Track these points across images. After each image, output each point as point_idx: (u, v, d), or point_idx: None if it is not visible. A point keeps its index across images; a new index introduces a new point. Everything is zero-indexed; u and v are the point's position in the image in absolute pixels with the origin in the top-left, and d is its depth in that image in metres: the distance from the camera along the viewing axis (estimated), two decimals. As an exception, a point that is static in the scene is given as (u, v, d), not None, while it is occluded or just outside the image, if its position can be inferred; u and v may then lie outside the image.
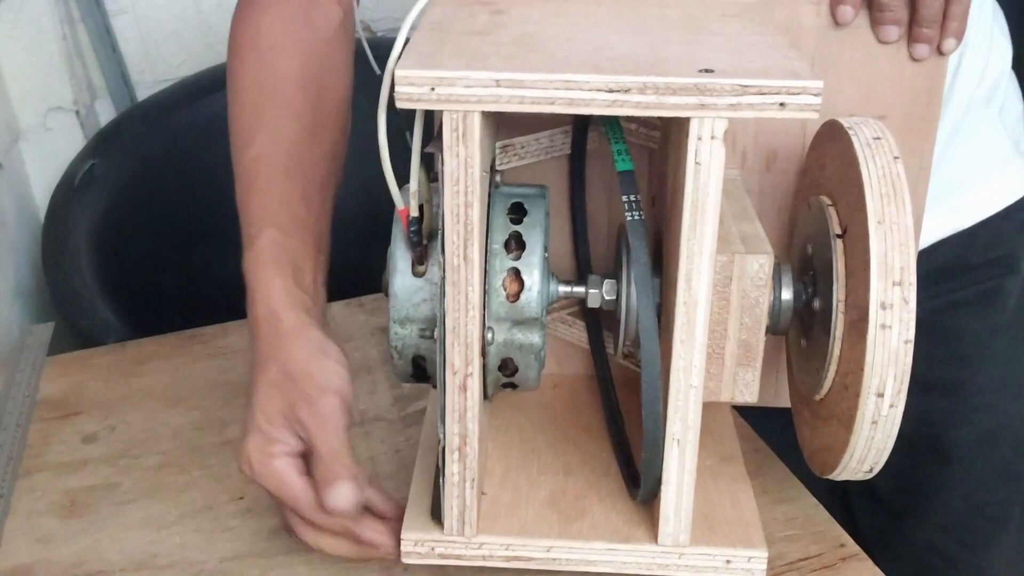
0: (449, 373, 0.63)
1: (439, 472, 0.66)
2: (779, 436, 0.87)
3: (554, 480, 0.73)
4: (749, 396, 0.68)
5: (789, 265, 0.69)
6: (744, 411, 0.85)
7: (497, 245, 0.65)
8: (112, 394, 0.98)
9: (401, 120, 0.61)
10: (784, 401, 0.79)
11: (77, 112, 1.51)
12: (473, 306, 0.62)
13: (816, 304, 0.68)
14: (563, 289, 0.70)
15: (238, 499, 0.82)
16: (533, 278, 0.65)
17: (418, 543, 0.68)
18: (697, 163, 0.57)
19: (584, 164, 0.78)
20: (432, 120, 0.64)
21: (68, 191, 1.37)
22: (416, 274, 0.65)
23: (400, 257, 0.66)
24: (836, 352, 0.65)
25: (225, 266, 1.49)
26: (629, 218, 0.63)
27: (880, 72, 0.74)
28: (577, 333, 0.83)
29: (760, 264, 0.65)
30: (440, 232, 0.61)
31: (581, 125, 0.76)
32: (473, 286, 0.61)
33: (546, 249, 0.67)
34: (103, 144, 1.45)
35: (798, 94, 0.55)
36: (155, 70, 1.57)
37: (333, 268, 0.79)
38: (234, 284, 1.33)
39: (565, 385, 0.84)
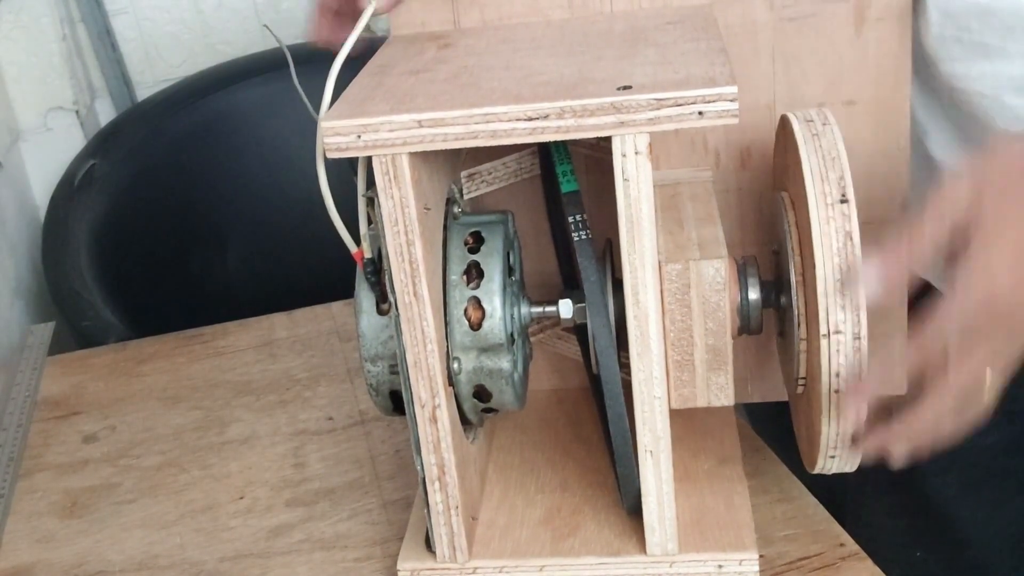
0: (418, 407, 0.64)
1: (426, 503, 0.67)
2: (779, 436, 0.87)
3: (551, 498, 0.74)
4: (724, 399, 0.67)
5: (755, 266, 0.69)
6: (745, 411, 0.85)
7: (455, 276, 0.66)
8: (112, 394, 0.98)
9: (346, 163, 0.63)
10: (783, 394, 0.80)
11: (77, 112, 1.51)
12: (430, 340, 0.63)
13: (783, 301, 0.69)
14: (535, 310, 0.70)
15: (238, 499, 0.82)
16: (493, 305, 0.65)
17: (414, 573, 0.69)
18: (625, 179, 0.58)
19: (556, 181, 0.78)
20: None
21: (68, 191, 1.37)
22: (380, 312, 0.66)
23: (364, 298, 0.67)
24: (802, 348, 0.66)
25: (225, 266, 1.50)
26: (576, 239, 0.64)
27: (843, 59, 0.74)
28: (574, 348, 0.83)
29: (716, 268, 0.65)
30: (387, 272, 0.62)
31: (544, 146, 0.76)
32: (427, 320, 0.62)
33: (512, 273, 0.68)
34: (103, 144, 1.45)
35: (713, 102, 0.55)
36: (155, 70, 1.57)
37: (333, 268, 0.79)
38: (234, 284, 1.34)
39: (569, 399, 0.85)
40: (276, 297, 1.17)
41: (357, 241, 0.65)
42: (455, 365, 0.66)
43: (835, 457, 0.64)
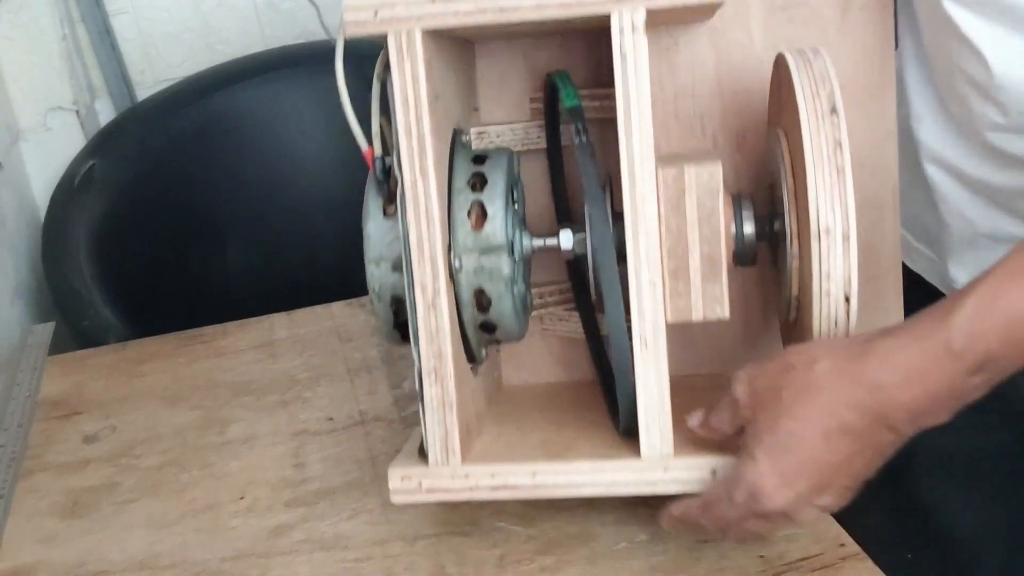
0: (419, 292, 0.66)
1: (420, 400, 0.68)
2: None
3: (545, 432, 0.75)
4: (720, 310, 0.68)
5: (751, 200, 0.71)
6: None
7: (460, 184, 0.69)
8: (113, 394, 0.98)
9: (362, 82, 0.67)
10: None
11: (77, 112, 1.51)
12: (434, 220, 0.65)
13: (776, 226, 0.71)
14: (536, 242, 0.72)
15: (239, 499, 0.82)
16: (495, 207, 0.68)
17: (405, 478, 0.69)
18: (623, 55, 0.62)
19: (558, 138, 0.81)
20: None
21: (68, 191, 1.38)
22: (387, 215, 0.69)
23: (372, 202, 0.69)
24: (795, 266, 0.68)
25: (225, 266, 1.50)
26: (577, 142, 0.66)
27: (831, 46, 0.75)
28: (573, 326, 0.84)
29: (711, 173, 0.67)
30: (396, 150, 0.65)
31: (553, 103, 0.79)
32: (431, 199, 0.65)
33: (515, 197, 0.70)
34: (103, 144, 1.45)
35: None
36: (155, 70, 1.57)
37: (333, 268, 0.79)
38: (234, 284, 1.34)
39: (572, 388, 0.85)
40: (276, 297, 1.17)
41: (369, 141, 0.69)
42: (456, 262, 0.68)
43: None
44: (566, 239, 0.72)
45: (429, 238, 0.65)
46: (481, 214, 0.68)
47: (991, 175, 0.76)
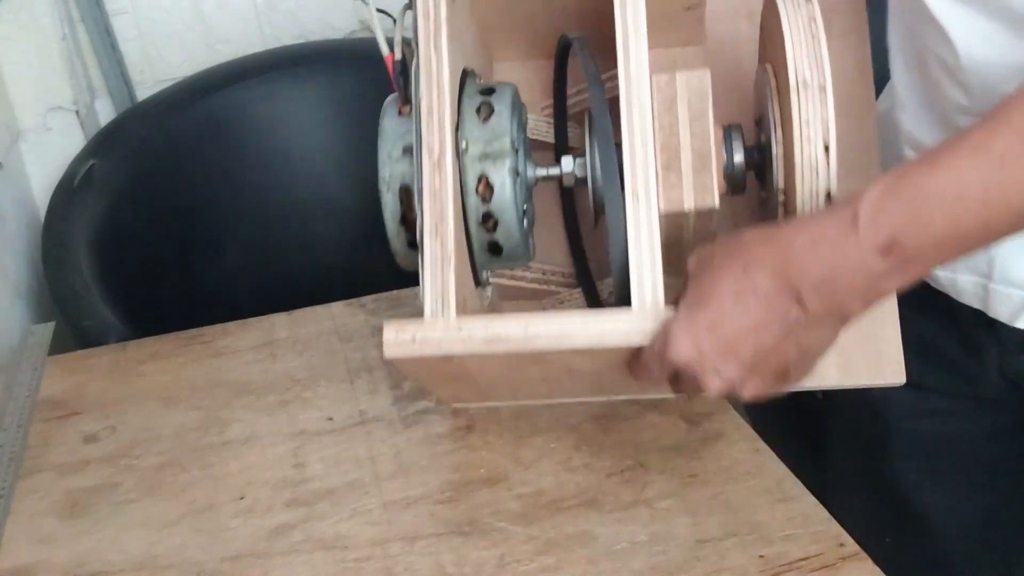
0: (426, 154, 0.71)
1: (421, 256, 0.70)
2: (780, 437, 0.87)
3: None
4: (710, 200, 0.72)
5: (740, 131, 0.76)
6: (745, 412, 0.85)
7: (469, 101, 0.75)
8: (112, 394, 0.98)
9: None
10: None
11: (77, 112, 1.51)
12: (444, 90, 0.71)
13: (763, 140, 0.76)
14: (539, 172, 0.77)
15: (238, 499, 0.82)
16: (503, 104, 0.74)
17: (399, 331, 0.69)
18: None
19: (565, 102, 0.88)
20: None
21: (68, 191, 1.37)
22: (402, 115, 0.75)
23: (390, 104, 0.76)
24: (780, 165, 0.72)
25: (225, 266, 1.50)
26: (577, 45, 0.74)
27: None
28: (580, 303, 0.86)
29: (700, 77, 0.72)
30: (414, 29, 0.70)
31: (563, 65, 0.86)
32: (443, 72, 0.71)
33: (521, 123, 0.76)
34: (103, 144, 1.45)
35: None
36: (155, 70, 1.57)
37: (333, 268, 0.79)
38: (234, 284, 1.34)
39: None
40: (276, 297, 1.17)
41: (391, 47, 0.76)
42: (463, 144, 0.73)
43: None
44: (567, 163, 0.76)
45: (439, 107, 0.70)
46: (489, 108, 0.74)
47: None
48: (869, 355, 0.79)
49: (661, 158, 0.71)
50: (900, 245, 0.57)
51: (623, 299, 0.70)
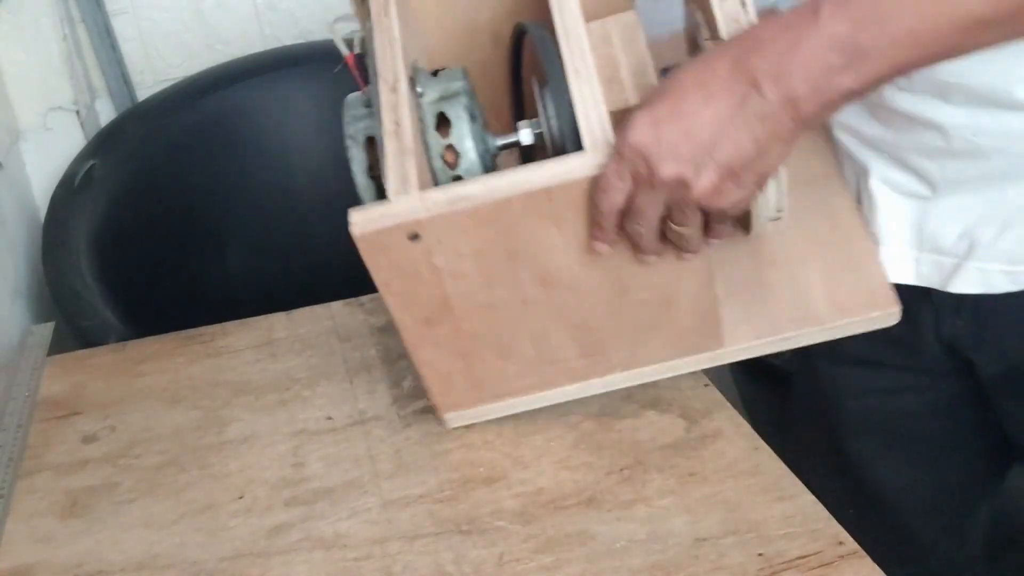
0: (382, 82, 0.74)
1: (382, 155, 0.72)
2: (779, 436, 0.88)
3: None
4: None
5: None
6: (744, 410, 0.85)
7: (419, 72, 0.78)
8: (112, 394, 0.98)
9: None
10: None
11: (77, 112, 1.51)
12: (396, 41, 0.75)
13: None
14: (500, 141, 0.77)
15: (238, 498, 0.82)
16: (455, 70, 0.78)
17: (366, 211, 0.71)
18: None
19: (521, 87, 0.89)
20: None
21: (68, 191, 1.37)
22: (363, 93, 0.79)
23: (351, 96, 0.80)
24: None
25: (224, 266, 1.50)
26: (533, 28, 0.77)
27: None
28: None
29: (628, 14, 0.77)
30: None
31: (519, 51, 0.87)
32: (394, 28, 0.76)
33: (475, 119, 0.76)
34: (103, 144, 1.45)
35: None
36: (155, 70, 1.57)
37: (333, 268, 0.80)
38: (234, 284, 1.34)
39: None
40: (276, 297, 1.17)
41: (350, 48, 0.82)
42: (419, 89, 0.76)
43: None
44: (526, 135, 0.77)
45: (392, 52, 0.75)
46: (441, 72, 0.78)
47: (884, 132, 0.80)
48: (858, 288, 0.82)
49: (602, 75, 0.73)
50: (856, 38, 0.59)
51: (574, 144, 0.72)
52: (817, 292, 0.82)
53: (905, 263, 0.83)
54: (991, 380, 0.87)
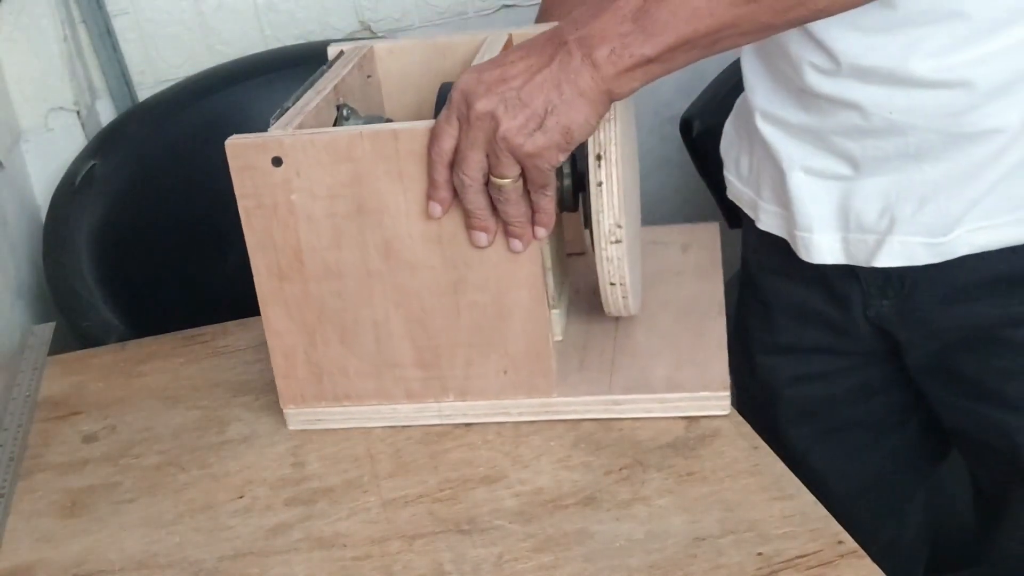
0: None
1: None
2: (778, 435, 0.88)
3: None
4: None
5: (570, 161, 0.82)
6: (744, 410, 0.85)
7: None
8: (112, 394, 0.98)
9: None
10: None
11: (78, 112, 1.51)
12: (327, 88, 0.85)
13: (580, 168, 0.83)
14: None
15: (237, 498, 0.82)
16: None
17: (244, 139, 0.84)
18: None
19: None
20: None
21: (69, 191, 1.38)
22: None
23: None
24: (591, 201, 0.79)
25: (225, 266, 1.50)
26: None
27: None
28: None
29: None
30: None
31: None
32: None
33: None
34: (104, 144, 1.45)
35: None
36: (156, 70, 1.57)
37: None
38: (234, 284, 1.34)
39: None
40: (276, 297, 1.17)
41: None
42: (345, 113, 0.86)
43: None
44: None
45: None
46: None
47: (808, 118, 0.86)
48: (697, 373, 0.85)
49: None
50: (647, 10, 0.69)
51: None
52: (659, 372, 0.86)
53: (834, 244, 0.87)
54: (918, 365, 0.91)
